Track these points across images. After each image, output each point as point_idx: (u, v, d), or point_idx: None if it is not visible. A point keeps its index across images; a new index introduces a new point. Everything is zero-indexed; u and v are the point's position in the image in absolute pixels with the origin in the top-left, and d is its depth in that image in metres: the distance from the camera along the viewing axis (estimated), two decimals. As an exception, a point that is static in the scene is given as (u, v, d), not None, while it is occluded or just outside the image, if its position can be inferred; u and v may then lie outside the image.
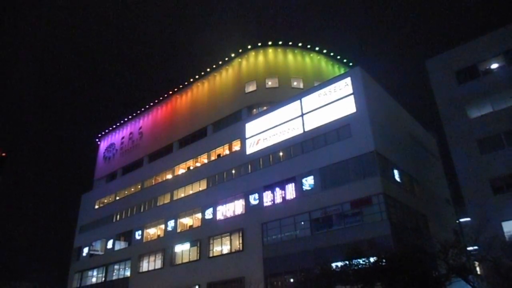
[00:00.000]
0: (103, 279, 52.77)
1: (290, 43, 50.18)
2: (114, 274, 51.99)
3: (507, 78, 29.66)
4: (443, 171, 49.29)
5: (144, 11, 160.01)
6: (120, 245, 53.56)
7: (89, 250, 57.64)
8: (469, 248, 26.02)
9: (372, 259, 23.50)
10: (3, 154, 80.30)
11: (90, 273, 55.95)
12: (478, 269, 29.30)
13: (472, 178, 29.16)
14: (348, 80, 36.62)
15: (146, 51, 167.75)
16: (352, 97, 35.57)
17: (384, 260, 23.13)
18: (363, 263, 23.68)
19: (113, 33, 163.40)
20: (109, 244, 54.74)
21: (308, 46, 50.62)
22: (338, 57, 52.74)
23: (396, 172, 35.39)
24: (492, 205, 27.51)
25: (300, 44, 50.30)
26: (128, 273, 49.48)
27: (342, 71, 50.31)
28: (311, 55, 50.90)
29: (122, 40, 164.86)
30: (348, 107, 35.43)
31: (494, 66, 31.27)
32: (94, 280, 54.97)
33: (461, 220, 33.29)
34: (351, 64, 52.51)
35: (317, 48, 51.04)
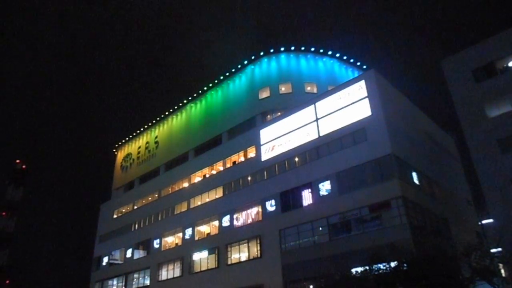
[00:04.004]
0: (124, 287, 53.09)
1: (303, 48, 50.10)
2: (134, 283, 52.29)
3: (526, 76, 28.99)
4: (463, 172, 48.33)
5: (158, 21, 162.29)
6: (139, 253, 53.92)
7: (108, 259, 58.20)
8: (493, 250, 25.34)
9: (392, 264, 23.09)
10: (24, 167, 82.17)
11: (110, 282, 56.41)
12: (502, 271, 28.50)
13: (493, 178, 28.48)
14: (362, 83, 36.32)
15: (160, 61, 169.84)
16: (366, 100, 35.25)
17: (405, 265, 22.70)
18: (384, 268, 23.28)
19: (128, 44, 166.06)
20: (128, 253, 55.16)
21: (321, 51, 50.46)
22: (352, 60, 52.39)
23: (414, 174, 34.84)
24: (515, 205, 26.80)
25: (312, 49, 50.18)
26: (147, 282, 49.71)
27: (356, 75, 49.95)
28: (324, 59, 50.70)
29: (137, 52, 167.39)
30: (363, 110, 35.10)
31: (512, 63, 30.63)
32: (114, 289, 55.38)
33: (484, 221, 32.45)
34: (364, 67, 52.10)
35: (329, 52, 50.82)
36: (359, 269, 24.73)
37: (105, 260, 58.96)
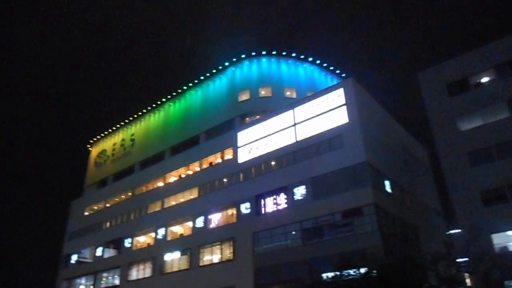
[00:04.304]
0: (92, 287, 52.02)
1: (284, 53, 50.48)
2: (103, 282, 51.32)
3: (497, 92, 30.10)
4: (433, 182, 49.62)
5: (138, 16, 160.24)
6: (110, 252, 52.98)
7: (77, 257, 56.90)
8: (459, 260, 26.12)
9: (362, 270, 23.49)
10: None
11: (78, 281, 55.19)
12: (468, 280, 29.39)
13: (462, 190, 29.36)
14: (340, 91, 36.89)
15: (139, 58, 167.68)
16: (344, 107, 35.81)
17: (374, 271, 23.12)
18: (354, 274, 23.64)
19: (106, 39, 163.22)
20: (99, 252, 54.10)
21: (302, 57, 50.98)
22: (331, 68, 53.13)
23: (387, 183, 35.59)
24: (482, 217, 27.70)
25: (293, 55, 50.64)
26: (117, 282, 48.86)
27: (335, 82, 50.66)
28: (305, 65, 51.21)
29: (116, 46, 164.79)
30: (341, 117, 35.64)
31: (485, 79, 31.76)
32: (82, 288, 54.23)
33: (451, 231, 33.44)
34: (343, 75, 52.91)
35: (310, 59, 51.39)
36: (330, 274, 25.04)
37: (74, 258, 57.63)
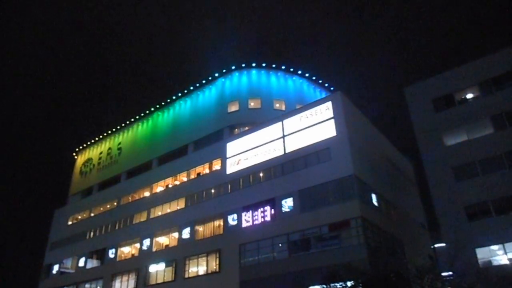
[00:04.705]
0: (73, 298, 50.93)
1: (274, 65, 50.92)
2: (85, 293, 50.25)
3: (482, 108, 30.80)
4: (419, 196, 50.18)
5: (128, 24, 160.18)
6: (93, 263, 52.08)
7: (59, 268, 55.74)
8: (444, 274, 26.35)
9: (349, 283, 23.51)
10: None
11: (59, 292, 53.93)
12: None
13: (447, 204, 29.79)
14: (329, 104, 37.26)
15: (128, 67, 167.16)
16: (332, 121, 36.15)
17: (360, 285, 23.16)
18: (340, 287, 23.64)
19: (95, 46, 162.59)
20: (81, 262, 53.08)
21: (291, 69, 51.47)
22: (320, 81, 53.72)
23: (374, 196, 35.86)
24: (466, 231, 28.12)
25: (283, 67, 51.10)
26: (99, 293, 47.91)
27: (323, 95, 51.20)
28: (294, 78, 51.68)
29: (105, 54, 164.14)
30: (329, 130, 35.95)
31: (470, 96, 32.49)
32: (63, 299, 52.98)
33: (436, 245, 33.78)
34: (332, 88, 53.53)
35: (299, 72, 51.91)
36: (318, 287, 24.97)
37: (56, 268, 56.45)
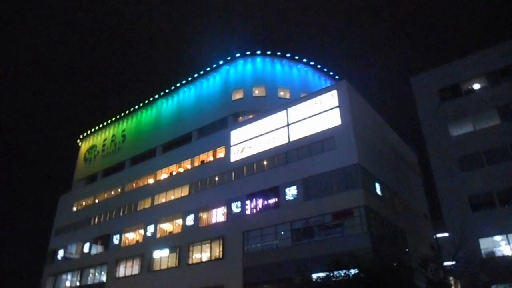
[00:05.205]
0: (78, 283, 51.56)
1: (279, 53, 50.58)
2: (89, 278, 50.87)
3: (489, 99, 30.59)
4: (422, 186, 50.16)
5: (133, 11, 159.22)
6: (97, 249, 52.58)
7: (64, 253, 56.37)
8: (446, 263, 26.48)
9: (352, 271, 23.66)
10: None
11: (64, 276, 54.62)
12: (454, 285, 29.81)
13: (451, 194, 29.77)
14: (334, 92, 37.09)
15: (133, 54, 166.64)
16: (337, 109, 36.01)
17: (362, 274, 23.30)
18: (344, 275, 23.80)
19: (99, 32, 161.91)
20: (86, 248, 53.64)
21: (296, 57, 51.11)
22: (325, 69, 53.37)
23: (377, 185, 35.89)
24: (470, 221, 28.13)
25: (288, 55, 50.75)
26: (104, 278, 48.49)
27: (328, 84, 50.95)
28: (299, 66, 51.35)
29: (109, 40, 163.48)
30: (333, 119, 35.84)
31: (477, 86, 32.22)
32: (68, 284, 53.68)
33: (438, 235, 33.87)
34: (337, 77, 53.20)
35: (304, 60, 51.55)
36: (321, 275, 25.14)
37: (61, 253, 57.09)
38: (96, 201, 57.86)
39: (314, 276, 25.97)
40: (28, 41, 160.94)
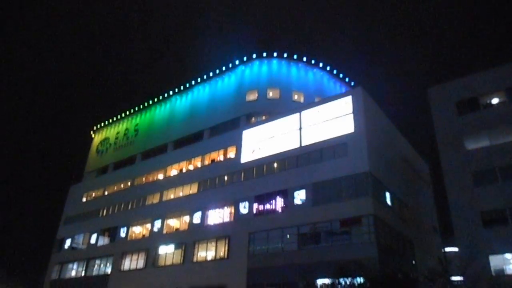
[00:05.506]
0: (83, 273, 52.01)
1: (295, 56, 50.46)
2: (94, 269, 51.28)
3: (507, 114, 30.05)
4: (433, 198, 49.52)
5: (152, 7, 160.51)
6: (104, 240, 52.99)
7: (71, 242, 56.93)
8: (454, 278, 26.09)
9: (359, 280, 23.44)
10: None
11: (70, 266, 55.14)
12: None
13: (463, 209, 29.31)
14: (349, 99, 36.83)
15: (152, 49, 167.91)
16: (351, 116, 35.75)
17: (370, 283, 23.07)
18: (349, 283, 23.60)
19: (117, 27, 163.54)
20: (93, 239, 54.09)
21: (312, 62, 50.93)
22: (341, 75, 53.08)
23: (387, 195, 35.52)
24: (481, 237, 27.66)
25: (304, 59, 50.59)
26: (109, 270, 48.85)
27: (343, 90, 50.65)
28: (314, 70, 51.14)
29: (128, 35, 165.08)
30: (347, 126, 35.58)
31: (495, 100, 31.71)
32: (73, 273, 54.17)
33: (447, 249, 33.42)
34: (352, 84, 52.87)
35: (320, 64, 51.34)
36: (327, 281, 24.96)
37: (68, 242, 57.66)
38: (106, 193, 58.34)
39: (319, 282, 25.80)
40: (45, 32, 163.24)
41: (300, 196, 35.81)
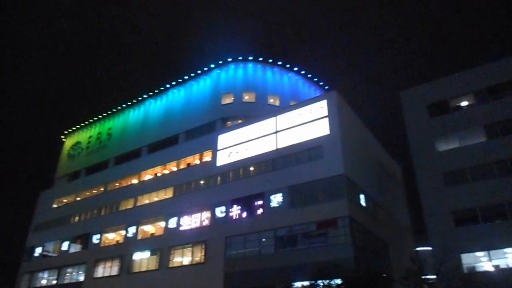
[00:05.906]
0: (55, 282, 50.42)
1: (270, 60, 50.69)
2: (66, 277, 49.89)
3: (475, 116, 31.08)
4: (405, 200, 50.63)
5: (128, 12, 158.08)
6: (76, 248, 51.57)
7: (42, 250, 55.13)
8: (428, 277, 26.65)
9: (336, 281, 23.62)
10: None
11: (41, 274, 53.41)
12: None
13: (435, 209, 30.08)
14: (324, 102, 37.22)
15: (124, 52, 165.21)
16: (326, 119, 36.13)
17: (347, 284, 23.29)
18: (327, 284, 23.75)
19: (89, 28, 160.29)
20: (64, 246, 52.57)
21: (287, 66, 51.30)
22: (315, 79, 53.66)
23: (362, 196, 36.07)
24: (453, 236, 28.44)
25: (279, 63, 50.90)
26: (81, 278, 47.59)
27: (318, 94, 51.18)
28: (289, 74, 51.52)
29: (100, 37, 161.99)
30: (322, 129, 35.94)
31: (464, 103, 32.76)
32: (44, 282, 52.46)
33: (421, 249, 34.18)
34: (327, 88, 53.57)
35: (295, 69, 51.77)
36: (304, 283, 25.03)
37: (38, 251, 55.80)
38: (78, 199, 56.86)
39: (297, 284, 25.87)
40: (15, 34, 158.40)
41: (276, 199, 35.87)
